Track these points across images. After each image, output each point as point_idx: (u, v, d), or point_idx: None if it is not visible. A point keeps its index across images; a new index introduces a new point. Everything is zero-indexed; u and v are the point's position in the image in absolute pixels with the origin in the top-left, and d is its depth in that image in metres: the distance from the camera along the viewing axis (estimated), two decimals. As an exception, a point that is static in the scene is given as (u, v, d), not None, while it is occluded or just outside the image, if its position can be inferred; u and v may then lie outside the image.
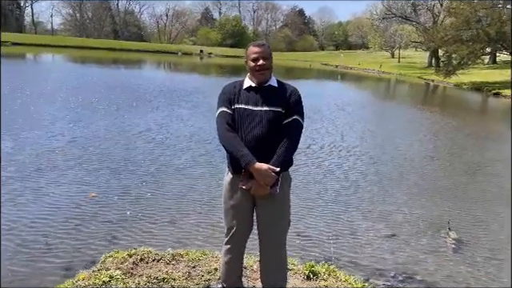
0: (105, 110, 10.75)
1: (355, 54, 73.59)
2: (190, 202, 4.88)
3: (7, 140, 7.02)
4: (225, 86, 2.53)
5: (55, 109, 10.39)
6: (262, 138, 2.36)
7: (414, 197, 5.62)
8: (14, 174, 5.38)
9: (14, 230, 3.89)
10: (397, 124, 12.28)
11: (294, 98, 2.45)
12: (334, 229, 4.43)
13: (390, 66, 48.39)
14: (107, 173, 5.71)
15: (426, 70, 43.67)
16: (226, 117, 2.40)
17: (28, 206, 4.46)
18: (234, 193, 2.46)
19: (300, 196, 5.31)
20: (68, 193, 4.88)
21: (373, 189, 5.82)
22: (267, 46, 2.49)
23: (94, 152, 6.71)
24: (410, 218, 4.90)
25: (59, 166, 5.88)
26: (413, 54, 60.07)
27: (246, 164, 2.30)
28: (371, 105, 17.47)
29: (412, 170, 6.93)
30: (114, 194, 4.92)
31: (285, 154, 2.38)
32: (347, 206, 5.10)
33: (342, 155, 7.64)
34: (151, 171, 5.91)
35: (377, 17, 52.17)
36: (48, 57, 38.73)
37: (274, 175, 2.33)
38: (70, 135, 7.69)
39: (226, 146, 2.38)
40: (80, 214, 4.30)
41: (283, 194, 2.47)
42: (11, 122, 8.43)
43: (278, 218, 2.50)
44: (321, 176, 6.27)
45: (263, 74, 2.43)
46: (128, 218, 4.30)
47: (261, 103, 2.40)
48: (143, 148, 7.15)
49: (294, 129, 2.41)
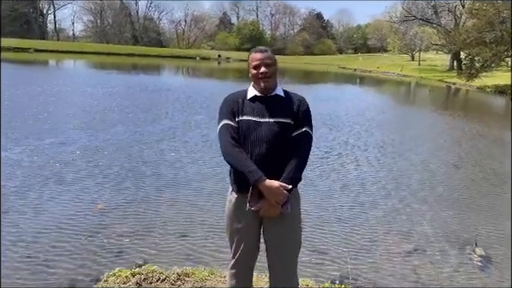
0: (120, 117, 10.73)
1: (374, 57, 72.67)
2: (202, 213, 4.70)
3: (17, 147, 7.01)
4: (227, 97, 2.33)
5: (70, 115, 10.40)
6: (270, 153, 2.16)
7: (437, 209, 5.32)
8: (22, 183, 5.31)
9: (21, 241, 3.79)
10: (418, 130, 11.90)
11: (303, 108, 2.25)
12: (351, 245, 4.19)
13: (411, 69, 47.55)
14: (117, 183, 5.59)
15: (448, 72, 42.71)
16: (229, 130, 2.20)
17: (36, 216, 4.36)
18: (240, 214, 2.25)
19: (316, 209, 5.08)
20: (76, 204, 4.76)
21: (393, 201, 5.54)
22: (270, 51, 2.29)
23: (105, 161, 6.62)
24: (433, 232, 4.62)
25: (68, 175, 5.80)
26: (433, 56, 58.90)
27: (255, 181, 2.09)
28: (391, 109, 17.07)
29: (435, 180, 6.61)
30: (123, 206, 4.78)
31: (296, 169, 2.17)
32: (366, 220, 4.85)
33: (360, 164, 7.37)
34: (163, 181, 5.76)
35: (396, 19, 51.37)
36: (70, 63, 39.38)
37: (286, 193, 2.13)
38: (81, 143, 7.62)
39: (232, 162, 2.18)
40: (88, 227, 4.17)
41: (293, 213, 2.25)
42: (23, 128, 8.46)
43: (289, 240, 2.27)
44: (338, 187, 6.02)
45: (266, 82, 2.22)
46: (137, 231, 4.15)
47: (267, 114, 2.20)
48: (155, 157, 7.01)
49: (304, 142, 2.21)
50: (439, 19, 43.95)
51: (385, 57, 69.00)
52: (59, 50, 53.00)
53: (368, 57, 73.53)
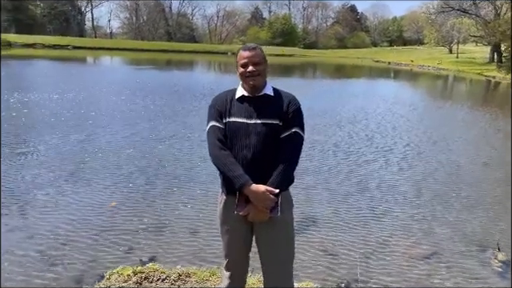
0: (147, 114, 10.91)
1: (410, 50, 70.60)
2: (212, 212, 4.68)
3: (38, 143, 7.25)
4: (215, 97, 2.27)
5: (97, 111, 10.67)
6: (259, 155, 2.09)
7: (461, 210, 5.08)
8: (40, 178, 5.48)
9: (33, 237, 3.90)
10: (450, 127, 11.44)
11: (292, 108, 2.16)
12: (364, 246, 4.06)
13: (448, 62, 45.84)
14: (132, 180, 5.65)
15: (487, 65, 40.85)
16: (216, 132, 2.14)
17: (48, 213, 4.48)
18: (229, 217, 2.21)
19: (330, 209, 4.97)
20: (89, 201, 4.85)
21: (414, 201, 5.34)
22: (259, 49, 2.21)
23: (123, 158, 6.74)
24: (454, 234, 4.42)
25: (86, 171, 5.93)
26: (472, 48, 56.52)
27: (241, 186, 2.05)
28: (424, 105, 16.50)
29: (461, 179, 6.33)
30: (136, 203, 4.83)
31: (284, 172, 2.10)
32: (383, 220, 4.69)
33: (383, 162, 7.16)
34: (176, 180, 5.77)
35: (433, 11, 49.50)
36: (107, 59, 40.46)
37: (273, 198, 2.06)
38: (102, 140, 7.78)
39: (218, 166, 2.13)
40: (100, 223, 4.25)
41: (285, 218, 2.17)
42: (47, 123, 8.75)
43: (281, 246, 2.20)
44: (356, 186, 5.86)
45: (254, 81, 2.14)
46: (147, 228, 4.19)
47: (255, 115, 2.13)
48: (172, 155, 7.05)
49: (293, 143, 2.12)
50: (478, 10, 41.98)
51: (421, 49, 66.92)
52: (96, 47, 54.53)
53: (403, 50, 71.52)
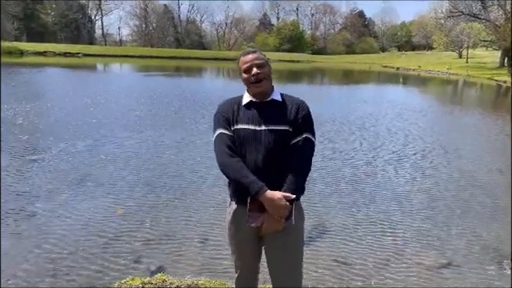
0: (155, 122, 10.91)
1: (419, 54, 70.25)
2: (222, 221, 4.62)
3: (44, 151, 7.26)
4: (221, 104, 2.21)
5: (105, 119, 10.70)
6: (269, 163, 2.03)
7: (477, 218, 4.96)
8: (47, 186, 5.48)
9: (40, 247, 3.87)
10: (460, 133, 11.29)
11: (302, 113, 2.10)
12: (378, 256, 3.97)
13: (458, 67, 45.45)
14: (139, 188, 5.60)
15: (498, 70, 40.45)
16: (225, 139, 2.08)
17: (55, 222, 4.44)
18: (239, 227, 2.15)
19: (341, 217, 4.89)
20: (96, 209, 4.80)
21: (427, 210, 5.22)
22: (259, 52, 2.16)
23: (130, 165, 6.72)
24: (469, 243, 4.31)
25: (92, 179, 5.89)
26: (482, 53, 56.03)
27: (256, 192, 1.96)
28: (434, 111, 16.34)
29: (476, 186, 6.20)
30: (144, 212, 4.78)
31: (297, 179, 2.03)
32: (397, 228, 4.59)
33: (394, 169, 7.05)
34: (184, 188, 5.70)
35: (442, 15, 49.22)
36: (116, 66, 40.77)
37: (289, 205, 1.99)
38: (109, 148, 7.76)
39: (229, 173, 2.05)
40: (108, 232, 4.21)
41: (296, 227, 2.11)
42: (54, 131, 8.78)
43: (290, 258, 2.13)
44: (367, 194, 5.76)
45: (260, 87, 2.08)
46: (155, 237, 4.14)
47: (264, 122, 2.06)
48: (180, 163, 6.99)
49: (305, 149, 2.06)
50: (488, 14, 41.64)
51: (430, 54, 66.52)
52: (106, 54, 55.09)
53: (412, 55, 71.18)
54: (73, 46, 57.27)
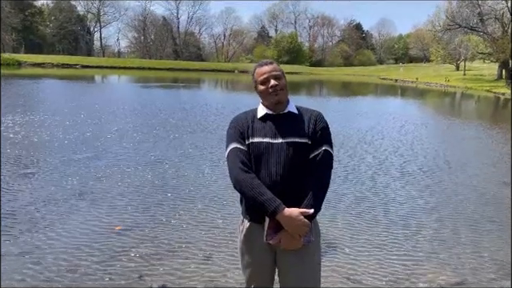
0: (154, 134, 10.80)
1: (416, 67, 70.69)
2: (226, 235, 4.48)
3: (43, 164, 7.13)
4: (234, 118, 2.11)
5: (104, 131, 10.58)
6: (287, 177, 1.92)
7: (486, 234, 4.83)
8: (45, 200, 5.32)
9: (38, 263, 3.71)
10: (462, 146, 11.22)
11: (320, 125, 2.01)
12: (389, 273, 3.83)
13: (455, 79, 45.73)
14: (141, 202, 5.46)
15: (496, 82, 40.69)
16: (239, 154, 1.97)
17: (54, 237, 4.28)
18: (252, 246, 2.03)
19: (350, 232, 4.75)
20: (97, 224, 4.65)
21: (435, 225, 5.08)
22: (276, 63, 2.07)
23: (131, 179, 6.58)
24: (480, 260, 4.17)
25: (90, 193, 5.75)
26: (480, 66, 56.42)
27: (274, 211, 1.85)
28: (433, 123, 16.31)
29: (484, 201, 6.07)
30: (144, 227, 4.61)
31: (317, 193, 1.93)
32: (405, 246, 4.45)
33: (398, 184, 6.94)
34: (187, 202, 5.58)
35: (439, 28, 49.62)
36: (114, 78, 40.76)
37: (308, 222, 1.88)
38: (109, 161, 7.63)
39: (244, 191, 1.94)
40: (108, 248, 4.05)
41: (313, 247, 2.00)
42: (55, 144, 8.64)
43: (308, 273, 2.00)
44: (374, 209, 5.64)
45: (278, 95, 1.99)
46: (157, 253, 3.98)
47: (281, 134, 1.96)
48: (181, 176, 6.88)
49: (324, 162, 1.97)
50: (485, 27, 41.99)
51: (427, 67, 66.96)
52: (104, 66, 55.19)
53: (410, 67, 71.63)
54: (71, 58, 57.43)
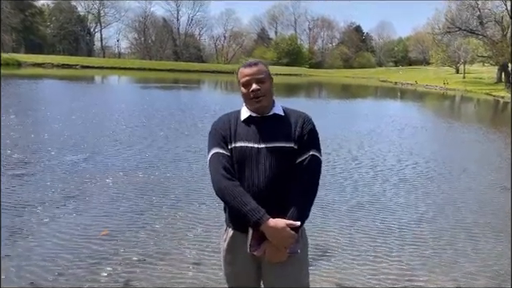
0: (150, 136, 10.71)
1: (416, 70, 70.69)
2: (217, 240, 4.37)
3: (36, 164, 7.02)
4: (216, 121, 2.00)
5: (99, 132, 10.48)
6: (272, 184, 1.82)
7: (486, 240, 4.72)
8: (35, 201, 5.21)
9: (25, 268, 3.60)
10: (461, 149, 11.12)
11: (307, 128, 1.89)
12: (382, 281, 3.72)
13: (455, 82, 45.72)
14: (131, 206, 5.32)
15: (495, 85, 40.66)
16: (221, 160, 1.86)
17: (42, 240, 4.17)
18: (237, 257, 1.92)
19: (342, 240, 4.64)
20: (86, 227, 4.52)
21: (432, 231, 4.97)
22: (262, 64, 1.95)
23: (123, 182, 6.48)
24: (477, 267, 4.06)
25: (83, 196, 5.62)
26: (479, 69, 56.42)
27: (257, 222, 1.75)
28: (433, 126, 16.22)
29: (482, 206, 5.95)
30: (134, 232, 4.46)
31: (304, 203, 1.82)
32: (400, 252, 4.34)
33: (396, 188, 6.84)
34: (177, 206, 5.42)
35: (439, 31, 49.61)
36: (114, 78, 40.67)
37: (294, 234, 1.77)
38: (101, 163, 7.49)
39: (227, 199, 1.83)
40: (95, 253, 3.93)
41: (300, 257, 1.89)
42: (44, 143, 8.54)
43: (295, 284, 1.89)
44: (370, 214, 5.53)
45: (259, 102, 1.88)
46: (146, 259, 3.86)
47: (266, 138, 1.85)
48: (174, 180, 6.73)
49: (312, 168, 1.85)
50: (485, 30, 41.97)
51: (427, 69, 66.94)
52: (104, 66, 55.13)
53: (409, 70, 71.65)
54: (71, 58, 57.36)
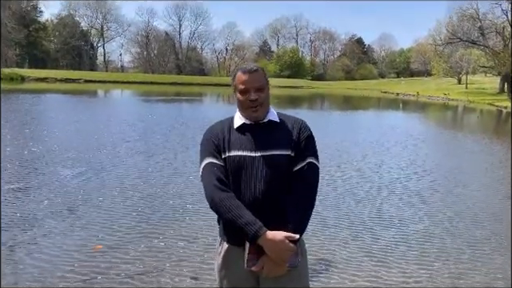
0: (149, 149, 10.65)
1: (418, 81, 70.79)
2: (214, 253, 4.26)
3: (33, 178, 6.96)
4: (208, 129, 1.92)
5: (99, 145, 10.43)
6: (268, 195, 1.73)
7: (490, 251, 4.60)
8: (29, 216, 5.13)
9: (15, 285, 3.51)
10: (463, 159, 11.00)
11: (304, 135, 1.83)
12: None
13: (457, 93, 45.64)
14: (128, 219, 5.20)
15: (498, 95, 40.58)
16: (214, 170, 1.78)
17: (36, 255, 4.08)
18: (231, 271, 1.83)
19: (344, 247, 4.53)
20: (81, 242, 4.40)
21: (435, 240, 4.86)
22: (261, 70, 1.88)
23: (120, 196, 6.39)
24: (484, 276, 3.94)
25: (78, 210, 5.50)
26: (482, 79, 56.42)
27: (254, 235, 1.67)
28: (435, 136, 16.12)
29: (487, 215, 5.84)
30: (130, 246, 4.34)
31: (302, 214, 1.74)
32: (401, 261, 4.23)
33: (396, 198, 6.73)
34: (174, 220, 5.32)
35: (440, 42, 49.77)
36: (117, 92, 40.78)
37: (293, 246, 1.69)
38: (99, 177, 7.40)
39: (221, 212, 1.75)
40: (91, 268, 3.83)
41: (299, 270, 1.80)
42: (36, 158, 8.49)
43: None
44: (369, 223, 5.42)
45: (256, 112, 1.81)
46: (143, 273, 3.77)
47: (261, 146, 1.78)
48: (170, 193, 6.62)
49: (309, 176, 1.78)
50: (486, 41, 42.07)
51: (429, 80, 66.99)
52: (107, 80, 55.45)
53: (411, 81, 71.74)
54: (74, 72, 57.81)
